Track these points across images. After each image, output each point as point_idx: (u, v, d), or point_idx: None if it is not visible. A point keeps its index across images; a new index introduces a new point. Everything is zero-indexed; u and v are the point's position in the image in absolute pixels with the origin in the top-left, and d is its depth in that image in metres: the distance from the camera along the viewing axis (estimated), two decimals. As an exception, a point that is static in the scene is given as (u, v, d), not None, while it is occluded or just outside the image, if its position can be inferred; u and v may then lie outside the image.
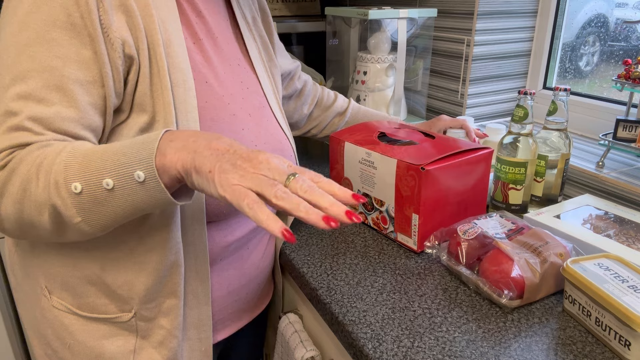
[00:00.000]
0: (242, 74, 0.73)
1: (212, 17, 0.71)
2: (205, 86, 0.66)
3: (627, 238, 0.73)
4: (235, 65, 0.73)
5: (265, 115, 0.75)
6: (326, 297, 0.68)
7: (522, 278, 0.64)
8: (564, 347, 0.58)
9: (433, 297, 0.68)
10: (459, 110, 1.22)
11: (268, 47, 0.82)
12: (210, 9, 0.71)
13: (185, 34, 0.66)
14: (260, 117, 0.73)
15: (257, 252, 0.77)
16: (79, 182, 0.50)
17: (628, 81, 0.89)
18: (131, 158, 0.50)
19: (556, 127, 0.86)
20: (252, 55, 0.77)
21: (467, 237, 0.71)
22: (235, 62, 0.73)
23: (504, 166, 0.85)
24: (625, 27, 1.10)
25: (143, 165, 0.49)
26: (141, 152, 0.50)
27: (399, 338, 0.60)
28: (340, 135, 0.89)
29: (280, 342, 0.85)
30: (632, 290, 0.58)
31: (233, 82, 0.71)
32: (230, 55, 0.72)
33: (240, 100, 0.71)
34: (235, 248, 0.72)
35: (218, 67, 0.69)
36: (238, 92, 0.71)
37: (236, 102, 0.69)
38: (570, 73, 1.22)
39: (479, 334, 0.60)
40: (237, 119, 0.68)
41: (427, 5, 1.25)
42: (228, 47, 0.72)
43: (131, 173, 0.49)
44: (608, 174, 0.91)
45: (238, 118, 0.69)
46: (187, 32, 0.66)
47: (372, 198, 0.84)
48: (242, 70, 0.74)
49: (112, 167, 0.50)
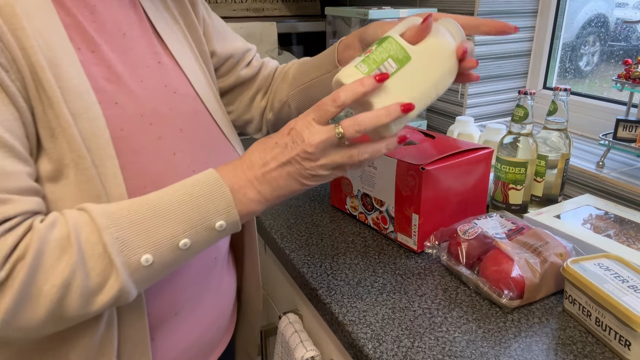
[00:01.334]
0: (166, 74, 0.60)
1: (112, 9, 0.56)
2: (116, 109, 0.52)
3: (627, 238, 0.73)
4: (155, 65, 0.59)
5: (201, 124, 0.62)
6: (326, 297, 0.68)
7: (522, 278, 0.64)
8: (564, 347, 0.58)
9: (433, 297, 0.68)
10: (459, 110, 1.22)
11: (197, 32, 0.68)
12: (106, 2, 0.55)
13: (77, 42, 0.51)
14: (196, 127, 0.61)
15: (210, 296, 0.65)
16: (149, 253, 0.46)
17: (628, 81, 0.89)
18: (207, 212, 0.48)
19: (556, 127, 0.86)
20: (173, 47, 0.62)
21: (467, 237, 0.71)
22: (154, 61, 0.59)
23: (504, 166, 0.84)
24: (625, 27, 1.10)
25: (224, 216, 0.49)
26: (216, 203, 0.48)
27: (399, 338, 0.60)
28: (340, 135, 0.89)
29: (280, 342, 0.84)
30: (632, 291, 0.58)
31: (154, 91, 0.57)
32: (145, 54, 0.58)
33: (167, 112, 0.57)
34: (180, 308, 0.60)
35: (129, 76, 0.55)
36: (162, 102, 0.57)
37: (161, 118, 0.57)
38: (571, 73, 1.22)
39: (479, 334, 0.60)
40: (165, 141, 0.56)
41: (427, 5, 1.25)
42: (141, 44, 0.58)
43: (212, 225, 0.49)
44: (608, 174, 0.91)
45: (166, 140, 0.56)
46: (79, 39, 0.51)
47: (372, 198, 0.84)
48: (165, 70, 0.60)
49: (186, 227, 0.47)
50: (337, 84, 0.53)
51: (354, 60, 0.53)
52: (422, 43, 0.53)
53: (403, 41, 0.53)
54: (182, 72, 0.63)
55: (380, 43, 0.53)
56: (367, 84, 0.49)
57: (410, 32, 0.54)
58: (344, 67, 0.53)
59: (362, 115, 0.49)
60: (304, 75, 0.74)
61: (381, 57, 0.51)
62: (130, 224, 0.45)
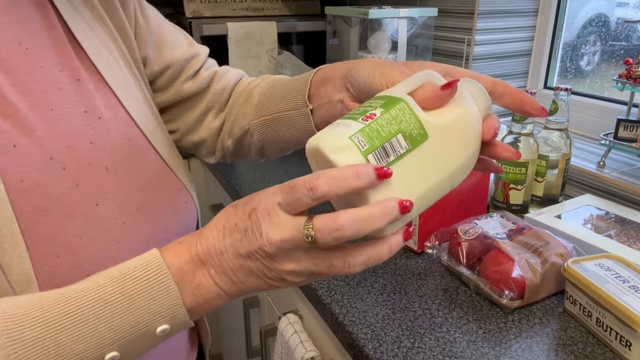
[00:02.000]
0: (86, 95, 0.47)
1: (6, 17, 0.43)
2: (14, 154, 0.40)
3: (628, 238, 0.72)
4: (70, 85, 0.46)
5: (136, 155, 0.49)
6: (326, 297, 0.68)
7: (522, 278, 0.63)
8: (564, 348, 0.58)
9: (433, 297, 0.67)
10: (460, 110, 1.22)
11: (129, 36, 0.54)
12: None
13: None
14: (127, 162, 0.48)
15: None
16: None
17: (629, 81, 0.89)
18: (145, 314, 0.35)
19: (557, 127, 0.86)
20: (97, 57, 0.49)
21: (468, 237, 0.71)
22: (70, 79, 0.46)
23: (505, 166, 0.84)
24: (626, 26, 1.10)
25: (167, 318, 0.36)
26: (158, 302, 0.36)
27: (399, 339, 0.60)
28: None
29: (280, 343, 0.84)
30: (633, 291, 0.57)
31: (68, 121, 0.44)
32: (55, 71, 0.45)
33: (86, 148, 0.45)
34: None
35: (33, 106, 0.42)
36: (80, 135, 0.45)
37: (78, 158, 0.44)
38: (571, 73, 1.22)
39: (480, 335, 0.60)
40: (83, 189, 0.44)
41: (427, 5, 1.25)
42: (51, 58, 0.45)
43: (151, 331, 0.36)
44: (609, 174, 0.91)
45: (84, 187, 0.44)
46: None
47: (372, 198, 0.83)
48: (85, 90, 0.47)
49: (115, 337, 0.35)
50: (316, 153, 0.36)
51: (343, 122, 0.37)
52: (442, 114, 0.37)
53: (420, 110, 0.36)
54: (110, 89, 0.49)
55: (387, 107, 0.36)
56: (364, 176, 0.32)
57: (426, 94, 0.37)
58: (330, 129, 0.37)
59: (346, 215, 0.33)
60: (269, 103, 0.58)
61: (389, 131, 0.35)
62: (35, 338, 0.33)
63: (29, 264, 0.39)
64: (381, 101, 0.37)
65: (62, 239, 0.41)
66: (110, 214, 0.45)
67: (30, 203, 0.40)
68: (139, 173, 0.49)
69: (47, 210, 0.41)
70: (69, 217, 0.42)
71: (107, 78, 0.49)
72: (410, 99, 0.37)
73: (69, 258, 0.40)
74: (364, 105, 0.38)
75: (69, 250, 0.41)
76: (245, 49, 1.37)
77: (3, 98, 0.40)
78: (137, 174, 0.48)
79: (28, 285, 0.39)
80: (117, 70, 0.51)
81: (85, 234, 0.43)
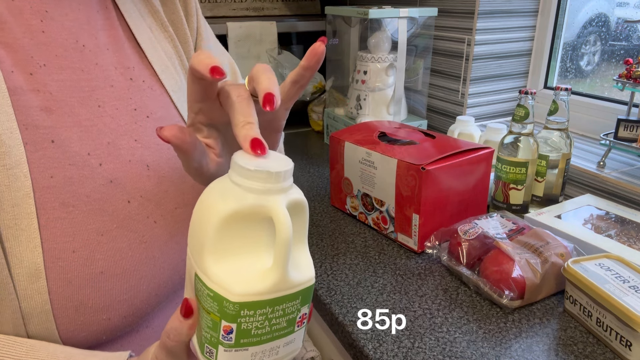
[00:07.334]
0: (137, 94, 0.48)
1: (68, 15, 0.44)
2: (51, 149, 0.40)
3: (628, 238, 0.72)
4: (122, 83, 0.46)
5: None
6: (326, 297, 0.68)
7: (522, 278, 0.63)
8: (564, 348, 0.58)
9: (433, 297, 0.67)
10: (460, 109, 1.22)
11: (189, 45, 0.55)
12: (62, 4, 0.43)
13: (6, 64, 0.39)
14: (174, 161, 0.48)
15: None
16: None
17: (629, 81, 0.89)
18: None
19: (557, 127, 0.86)
20: (156, 59, 0.50)
21: (468, 237, 0.71)
22: (123, 78, 0.47)
23: (505, 166, 0.84)
24: (626, 26, 1.10)
25: None
26: None
27: (399, 339, 0.60)
28: (340, 135, 0.89)
29: (280, 343, 0.84)
30: (633, 291, 0.57)
31: (114, 117, 0.45)
32: (110, 69, 0.46)
33: (129, 145, 0.45)
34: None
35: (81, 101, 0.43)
36: (124, 132, 0.45)
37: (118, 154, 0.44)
38: (571, 72, 1.22)
39: (480, 335, 0.60)
40: (117, 186, 0.43)
41: (427, 5, 1.25)
42: (107, 57, 0.46)
43: None
44: (609, 174, 0.91)
45: (118, 185, 0.43)
46: (10, 60, 0.39)
47: (372, 198, 0.83)
48: (137, 89, 0.48)
49: None
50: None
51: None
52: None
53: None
54: (165, 89, 0.50)
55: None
56: None
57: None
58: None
59: None
60: None
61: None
62: None
63: (40, 258, 0.38)
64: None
65: (82, 235, 0.41)
66: (141, 212, 0.45)
67: (56, 199, 0.40)
68: (181, 173, 0.48)
69: (73, 207, 0.41)
70: (94, 213, 0.42)
71: (163, 80, 0.50)
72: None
73: (85, 254, 0.40)
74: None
75: (86, 246, 0.41)
76: (245, 49, 1.37)
77: (50, 94, 0.41)
78: (179, 174, 0.48)
79: (36, 279, 0.38)
80: (174, 74, 0.52)
81: (108, 232, 0.42)
